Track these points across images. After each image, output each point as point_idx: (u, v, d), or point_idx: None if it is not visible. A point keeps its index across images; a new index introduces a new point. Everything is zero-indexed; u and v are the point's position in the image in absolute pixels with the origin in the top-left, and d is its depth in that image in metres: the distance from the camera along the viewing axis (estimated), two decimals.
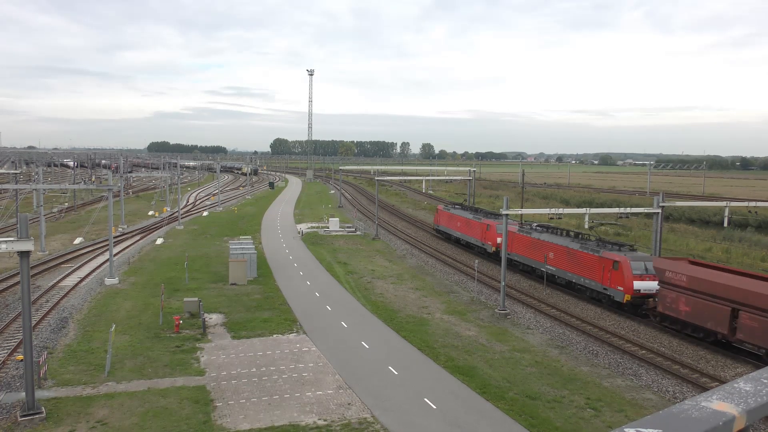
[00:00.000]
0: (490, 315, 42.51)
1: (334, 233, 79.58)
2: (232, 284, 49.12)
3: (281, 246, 69.73)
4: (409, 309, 43.20)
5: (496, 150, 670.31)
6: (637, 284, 41.15)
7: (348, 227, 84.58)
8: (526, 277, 54.77)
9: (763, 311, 31.04)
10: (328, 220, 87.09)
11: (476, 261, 51.27)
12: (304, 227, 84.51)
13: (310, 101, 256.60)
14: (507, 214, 43.23)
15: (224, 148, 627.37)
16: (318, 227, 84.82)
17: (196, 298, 41.14)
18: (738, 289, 32.56)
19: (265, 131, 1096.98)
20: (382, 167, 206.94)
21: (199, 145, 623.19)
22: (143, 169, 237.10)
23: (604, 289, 43.72)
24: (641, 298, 41.29)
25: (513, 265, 55.93)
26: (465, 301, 46.36)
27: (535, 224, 55.89)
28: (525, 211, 56.18)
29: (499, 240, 58.42)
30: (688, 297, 35.60)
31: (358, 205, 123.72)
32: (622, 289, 41.86)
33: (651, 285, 40.73)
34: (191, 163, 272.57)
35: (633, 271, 41.41)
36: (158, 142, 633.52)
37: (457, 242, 72.07)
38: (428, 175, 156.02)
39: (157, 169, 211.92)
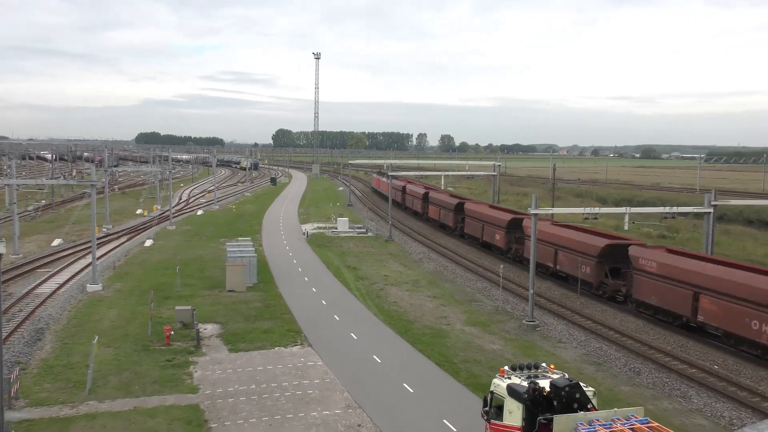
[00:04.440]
0: (517, 326, 42.25)
1: (342, 234, 79.63)
2: (230, 291, 49.20)
3: (284, 248, 69.78)
4: (426, 319, 43.04)
5: (524, 142, 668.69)
6: None
7: (358, 228, 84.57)
8: (559, 284, 54.46)
9: (721, 294, 37.11)
10: (336, 220, 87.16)
11: (501, 266, 51.02)
12: (309, 228, 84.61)
13: (317, 88, 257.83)
14: (536, 214, 42.95)
15: (221, 140, 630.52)
16: (325, 228, 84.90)
17: (189, 307, 41.20)
18: (699, 273, 39.00)
19: (267, 121, 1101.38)
20: (397, 161, 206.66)
21: (193, 137, 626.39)
22: (130, 163, 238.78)
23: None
24: None
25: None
26: (489, 311, 46.12)
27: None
28: (556, 210, 55.73)
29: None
30: (657, 283, 42.25)
31: (370, 204, 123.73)
32: None
33: None
34: (184, 157, 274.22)
35: None
36: (147, 133, 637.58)
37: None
38: (448, 170, 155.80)
39: (146, 162, 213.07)
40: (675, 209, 50.08)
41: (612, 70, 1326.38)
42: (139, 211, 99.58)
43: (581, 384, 19.80)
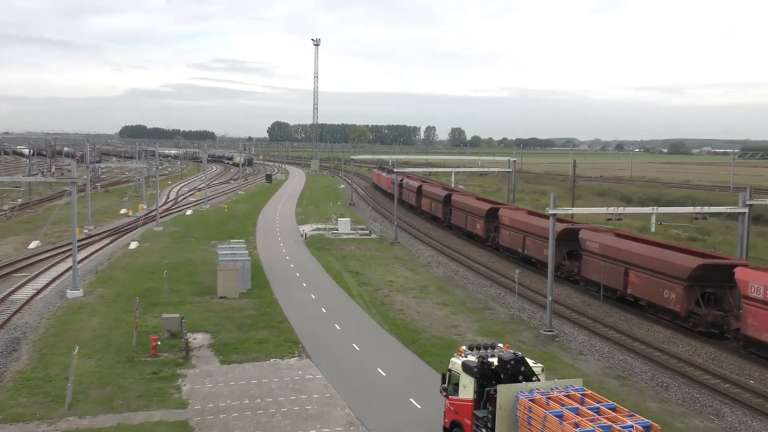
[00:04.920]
0: (534, 337, 42.18)
1: (344, 236, 79.67)
2: (221, 297, 49.23)
3: (280, 251, 69.81)
4: (434, 329, 43.00)
5: (542, 136, 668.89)
6: None
7: (361, 229, 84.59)
8: (580, 291, 54.37)
9: (643, 269, 46.11)
10: (336, 221, 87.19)
11: (517, 271, 50.98)
12: (307, 229, 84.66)
13: (316, 77, 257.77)
14: (554, 214, 42.88)
15: (212, 134, 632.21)
16: (325, 229, 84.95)
17: (177, 315, 41.23)
18: (628, 252, 47.91)
19: (262, 113, 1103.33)
20: (403, 156, 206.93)
21: (182, 130, 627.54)
22: (114, 159, 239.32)
23: None
24: None
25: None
26: (503, 320, 46.06)
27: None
28: (577, 210, 55.70)
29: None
30: (599, 262, 50.47)
31: (374, 203, 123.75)
32: None
33: None
34: (172, 152, 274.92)
35: None
36: (132, 126, 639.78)
37: None
38: (458, 167, 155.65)
39: (131, 158, 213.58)
40: (706, 209, 49.97)
41: (637, 57, 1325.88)
42: (123, 211, 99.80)
43: (527, 359, 24.22)
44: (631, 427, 19.29)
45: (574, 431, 19.40)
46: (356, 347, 38.79)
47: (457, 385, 25.05)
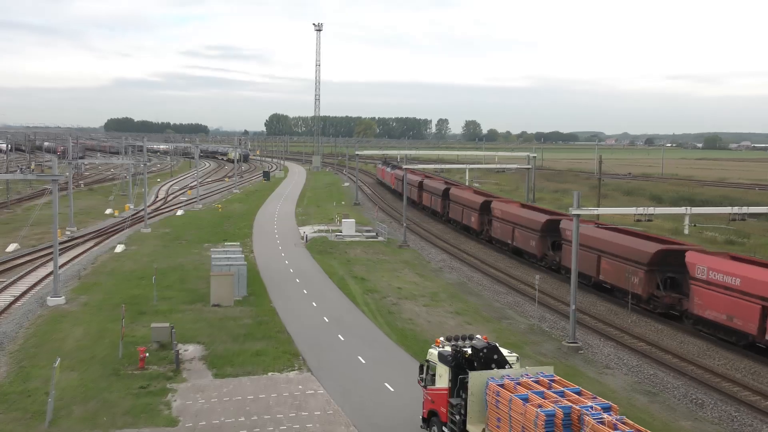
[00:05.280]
0: (556, 349, 42.12)
1: (348, 239, 79.70)
2: (215, 305, 49.31)
3: (279, 255, 69.91)
4: None
5: (564, 129, 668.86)
6: None
7: (367, 231, 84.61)
8: (603, 298, 54.28)
9: (612, 255, 52.91)
10: (340, 222, 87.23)
11: (537, 277, 50.94)
12: (309, 231, 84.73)
13: (318, 65, 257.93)
14: (578, 215, 42.78)
15: (205, 127, 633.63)
16: (327, 231, 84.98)
17: (167, 324, 41.29)
18: (600, 240, 54.49)
19: (259, 105, 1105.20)
20: (413, 152, 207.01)
21: (172, 123, 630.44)
22: (99, 154, 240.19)
23: None
24: None
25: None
26: (522, 330, 46.00)
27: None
28: (603, 210, 55.68)
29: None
30: (585, 254, 54.27)
31: (381, 202, 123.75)
32: None
33: None
34: (162, 147, 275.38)
35: None
36: (119, 119, 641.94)
37: None
38: (473, 163, 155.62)
39: (117, 153, 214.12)
40: (745, 209, 49.79)
41: (669, 43, 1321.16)
42: (108, 211, 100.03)
43: (501, 348, 27.07)
44: (591, 407, 21.86)
45: (535, 411, 21.86)
46: (361, 360, 38.79)
47: (434, 375, 27.72)
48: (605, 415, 21.26)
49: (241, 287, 52.29)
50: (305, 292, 54.56)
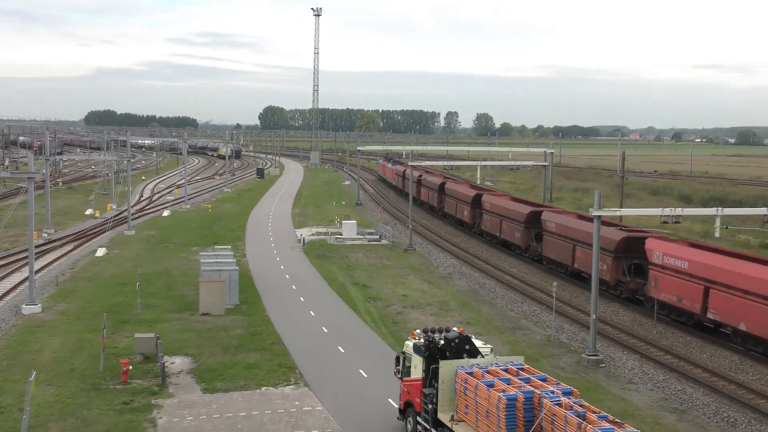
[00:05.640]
0: (575, 362, 42.06)
1: (349, 242, 79.68)
2: (204, 314, 49.33)
3: (274, 260, 69.94)
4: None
5: (584, 123, 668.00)
6: None
7: (369, 233, 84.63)
8: (630, 308, 54.19)
9: (586, 245, 56.27)
10: (340, 224, 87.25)
11: (554, 284, 50.88)
12: (306, 233, 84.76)
13: (317, 53, 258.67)
14: (599, 216, 42.69)
15: (194, 121, 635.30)
16: (326, 233, 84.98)
17: (152, 334, 41.30)
18: (575, 229, 60.57)
19: (253, 96, 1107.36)
20: (419, 147, 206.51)
21: (158, 116, 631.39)
22: (79, 150, 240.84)
23: None
24: None
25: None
26: (538, 342, 45.95)
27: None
28: (626, 211, 55.66)
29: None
30: (555, 240, 64.14)
31: (385, 202, 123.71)
32: None
33: None
34: (147, 142, 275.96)
35: None
36: (100, 111, 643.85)
37: None
38: (485, 160, 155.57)
39: (99, 149, 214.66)
40: None
41: (698, 30, 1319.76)
42: (89, 212, 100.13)
43: (472, 338, 29.70)
44: (552, 391, 24.46)
45: (498, 395, 24.42)
46: (363, 374, 38.77)
47: (410, 367, 30.71)
48: (563, 398, 23.83)
49: (233, 294, 52.31)
50: (302, 299, 54.57)
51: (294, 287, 58.55)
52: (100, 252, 71.17)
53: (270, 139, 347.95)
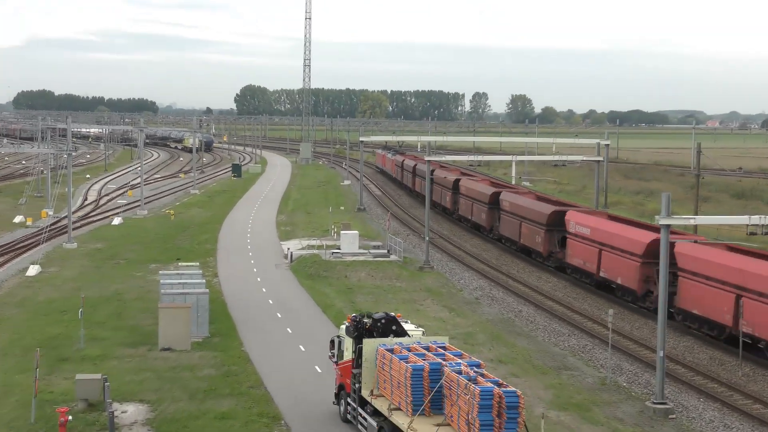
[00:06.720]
0: (638, 412, 41.90)
1: (349, 257, 79.49)
2: (165, 349, 49.28)
3: (254, 280, 69.96)
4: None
5: (649, 107, 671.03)
6: None
7: (375, 247, 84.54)
8: (705, 343, 53.96)
9: (528, 220, 78.29)
10: (338, 234, 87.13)
11: (610, 311, 50.65)
12: (294, 247, 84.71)
13: (308, 19, 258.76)
14: (667, 225, 42.49)
15: (153, 104, 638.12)
16: (320, 247, 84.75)
17: (98, 375, 41.21)
18: (522, 207, 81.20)
19: (228, 73, 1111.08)
20: (438, 138, 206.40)
21: (107, 98, 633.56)
22: (5, 140, 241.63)
23: None
24: None
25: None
26: (590, 385, 45.77)
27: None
28: (703, 219, 55.43)
29: None
30: (508, 218, 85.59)
31: (394, 207, 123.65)
32: None
33: None
34: (93, 130, 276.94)
35: None
36: (33, 92, 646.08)
37: None
38: (522, 153, 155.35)
39: (31, 139, 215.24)
40: None
41: None
42: (18, 219, 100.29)
43: (408, 322, 39.23)
44: (460, 363, 31.09)
45: (405, 366, 31.09)
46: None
47: (344, 350, 38.06)
48: (464, 366, 30.52)
49: (202, 324, 52.28)
50: (289, 331, 54.54)
51: (279, 315, 58.49)
52: (33, 270, 71.13)
53: (249, 127, 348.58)
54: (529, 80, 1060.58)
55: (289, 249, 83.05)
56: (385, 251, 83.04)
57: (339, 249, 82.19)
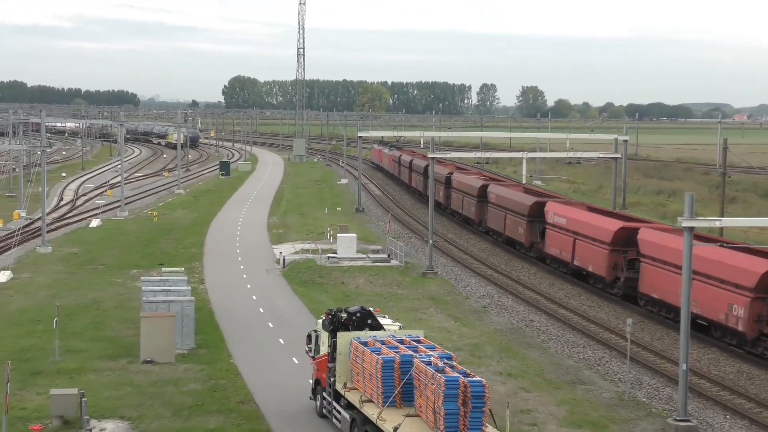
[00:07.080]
0: (658, 430, 41.82)
1: (346, 263, 79.49)
2: (147, 362, 49.27)
3: (243, 287, 69.99)
4: (495, 413, 42.68)
5: (671, 100, 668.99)
6: None
7: (375, 251, 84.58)
8: (729, 354, 53.96)
9: (512, 212, 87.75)
10: (334, 238, 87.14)
11: (629, 320, 50.70)
12: (287, 251, 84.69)
13: (302, 4, 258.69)
14: (691, 228, 42.50)
15: (134, 96, 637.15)
16: (315, 251, 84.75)
17: (74, 390, 41.22)
18: (507, 199, 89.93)
19: (215, 63, 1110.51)
20: (443, 133, 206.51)
21: (84, 90, 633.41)
22: None
23: None
24: None
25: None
26: (607, 401, 45.76)
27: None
28: (729, 220, 55.45)
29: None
30: (494, 210, 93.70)
31: (395, 208, 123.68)
32: None
33: None
34: (69, 125, 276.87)
35: None
36: (4, 83, 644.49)
37: None
38: (533, 150, 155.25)
39: (2, 135, 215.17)
40: None
41: None
42: None
43: (384, 317, 42.45)
44: (431, 355, 33.42)
45: (376, 358, 33.46)
46: None
47: (320, 345, 40.86)
48: (433, 358, 32.83)
49: (187, 335, 52.33)
50: (282, 342, 54.53)
51: (270, 325, 58.51)
52: (3, 276, 71.15)
53: (238, 122, 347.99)
54: (541, 71, 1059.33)
55: (281, 253, 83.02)
56: (386, 256, 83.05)
57: (335, 253, 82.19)
